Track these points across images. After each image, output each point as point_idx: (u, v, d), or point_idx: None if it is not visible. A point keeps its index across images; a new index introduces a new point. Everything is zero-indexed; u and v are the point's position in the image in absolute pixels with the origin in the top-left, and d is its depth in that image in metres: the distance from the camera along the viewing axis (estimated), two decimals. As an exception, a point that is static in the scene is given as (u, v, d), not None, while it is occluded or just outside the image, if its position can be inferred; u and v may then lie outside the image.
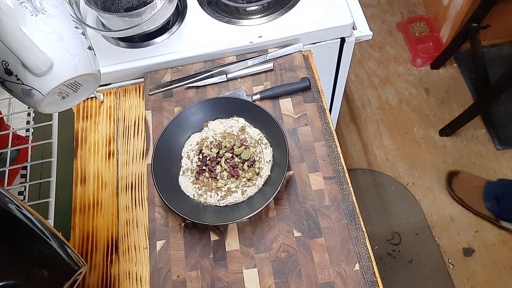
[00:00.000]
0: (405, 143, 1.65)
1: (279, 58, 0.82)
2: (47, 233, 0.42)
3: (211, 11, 0.88)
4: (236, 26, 0.85)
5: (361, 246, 0.64)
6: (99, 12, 0.79)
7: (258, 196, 0.67)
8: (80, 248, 0.70)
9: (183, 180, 0.71)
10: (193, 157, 0.72)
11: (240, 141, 0.72)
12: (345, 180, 0.70)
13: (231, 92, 0.79)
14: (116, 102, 0.84)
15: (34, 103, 0.48)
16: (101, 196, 0.74)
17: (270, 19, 0.85)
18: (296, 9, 0.86)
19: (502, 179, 1.47)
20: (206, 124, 0.75)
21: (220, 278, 0.64)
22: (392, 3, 1.99)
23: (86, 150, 0.79)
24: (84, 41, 0.50)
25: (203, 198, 0.68)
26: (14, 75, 0.45)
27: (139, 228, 0.71)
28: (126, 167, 0.76)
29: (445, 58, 1.73)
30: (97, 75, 0.51)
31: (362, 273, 0.62)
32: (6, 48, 0.42)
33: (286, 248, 0.65)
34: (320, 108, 0.76)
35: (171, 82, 0.81)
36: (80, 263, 0.43)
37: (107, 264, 0.69)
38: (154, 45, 0.85)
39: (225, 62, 0.82)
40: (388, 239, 1.48)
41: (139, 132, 0.80)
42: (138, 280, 0.67)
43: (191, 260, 0.66)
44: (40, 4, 0.45)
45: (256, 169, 0.69)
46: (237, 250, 0.66)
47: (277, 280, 0.63)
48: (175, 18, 0.88)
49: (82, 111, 0.83)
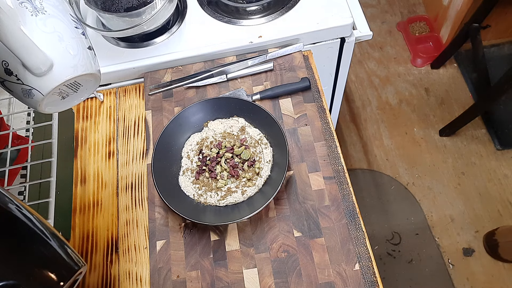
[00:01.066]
0: (405, 143, 1.65)
1: (279, 58, 0.82)
2: (47, 233, 0.42)
3: (211, 11, 0.88)
4: (236, 26, 0.85)
5: (361, 246, 0.64)
6: (99, 12, 0.79)
7: (258, 196, 0.67)
8: (80, 248, 0.70)
9: (183, 180, 0.71)
10: (193, 157, 0.72)
11: (240, 141, 0.72)
12: (345, 180, 0.70)
13: (231, 92, 0.79)
14: (116, 102, 0.84)
15: (34, 103, 0.48)
16: (101, 196, 0.74)
17: (270, 19, 0.85)
18: (296, 9, 0.86)
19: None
20: (206, 124, 0.75)
21: (220, 278, 0.64)
22: (392, 3, 1.99)
23: (86, 150, 0.79)
24: (84, 41, 0.50)
25: (203, 198, 0.68)
26: (14, 75, 0.45)
27: (139, 228, 0.71)
28: (126, 167, 0.76)
29: (445, 58, 1.73)
30: (97, 75, 0.51)
31: (362, 273, 0.62)
32: (6, 48, 0.42)
33: (286, 248, 0.65)
34: (320, 108, 0.76)
35: (171, 82, 0.81)
36: (80, 263, 0.43)
37: (107, 264, 0.69)
38: (154, 45, 0.85)
39: (225, 62, 0.82)
40: (388, 239, 1.48)
41: (139, 132, 0.80)
42: (138, 280, 0.67)
43: (191, 260, 0.66)
44: (40, 4, 0.45)
45: (256, 169, 0.69)
46: (237, 250, 0.66)
47: (277, 280, 0.63)
48: (175, 18, 0.88)
49: (82, 111, 0.83)
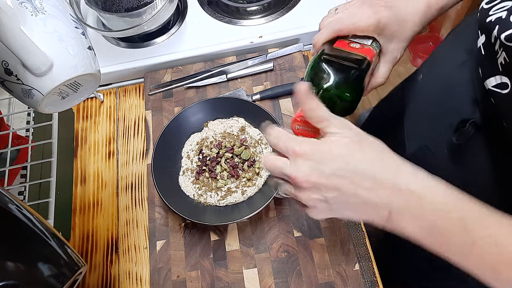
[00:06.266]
0: (405, 143, 1.65)
1: (279, 58, 0.82)
2: (47, 233, 0.42)
3: (212, 11, 0.88)
4: (237, 26, 0.85)
5: (361, 246, 0.64)
6: (99, 12, 0.79)
7: (258, 196, 0.67)
8: (80, 248, 0.70)
9: (183, 180, 0.71)
10: (193, 157, 0.72)
11: (240, 141, 0.72)
12: (345, 180, 0.70)
13: (231, 92, 0.79)
14: (116, 102, 0.84)
15: (34, 103, 0.48)
16: (101, 196, 0.74)
17: (270, 19, 0.85)
18: (296, 9, 0.86)
19: None
20: (206, 124, 0.75)
21: (220, 278, 0.64)
22: (392, 3, 1.98)
23: (86, 150, 0.79)
24: (84, 41, 0.50)
25: (203, 198, 0.68)
26: (14, 75, 0.45)
27: (139, 228, 0.71)
28: (126, 167, 0.76)
29: (445, 58, 1.73)
30: (97, 75, 0.51)
31: (362, 273, 0.62)
32: (6, 48, 0.42)
33: (286, 248, 0.65)
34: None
35: (171, 82, 0.81)
36: (80, 263, 0.43)
37: (107, 264, 0.69)
38: (155, 45, 0.85)
39: (225, 62, 0.82)
40: (388, 239, 1.48)
41: (139, 132, 0.80)
42: (138, 280, 0.67)
43: (191, 260, 0.66)
44: (40, 4, 0.45)
45: (256, 169, 0.69)
46: (237, 250, 0.66)
47: (277, 280, 0.63)
48: (176, 18, 0.88)
49: (82, 111, 0.83)
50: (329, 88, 0.46)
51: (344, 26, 0.50)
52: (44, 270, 0.40)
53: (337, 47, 0.51)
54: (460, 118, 0.51)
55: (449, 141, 0.54)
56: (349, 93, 0.47)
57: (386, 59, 0.53)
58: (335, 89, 0.46)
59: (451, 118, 0.54)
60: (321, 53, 0.49)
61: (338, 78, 0.46)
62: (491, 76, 0.43)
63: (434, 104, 0.61)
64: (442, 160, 0.57)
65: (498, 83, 0.42)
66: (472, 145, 0.51)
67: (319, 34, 0.52)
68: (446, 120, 0.55)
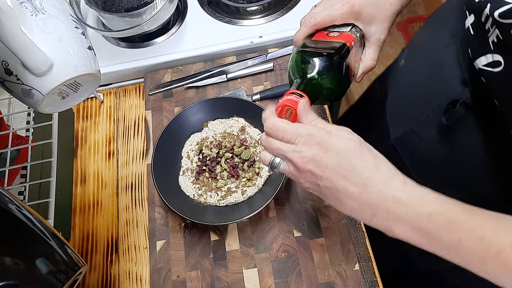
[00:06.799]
0: (405, 143, 1.65)
1: (279, 58, 0.82)
2: (47, 233, 0.42)
3: (212, 11, 0.88)
4: (237, 26, 0.85)
5: (361, 246, 0.64)
6: (99, 12, 0.79)
7: (258, 196, 0.67)
8: (80, 248, 0.70)
9: (183, 180, 0.71)
10: (193, 157, 0.72)
11: (240, 141, 0.72)
12: (345, 180, 0.70)
13: (231, 92, 0.79)
14: (116, 102, 0.84)
15: (34, 103, 0.48)
16: (101, 196, 0.74)
17: (270, 19, 0.85)
18: (297, 9, 0.86)
19: None
20: (206, 124, 0.75)
21: (220, 278, 0.64)
22: (392, 3, 1.99)
23: (86, 150, 0.79)
24: (84, 41, 0.50)
25: (203, 198, 0.68)
26: (14, 75, 0.45)
27: (139, 228, 0.71)
28: (126, 167, 0.76)
29: (445, 58, 1.73)
30: (97, 75, 0.51)
31: (362, 273, 0.62)
32: (6, 48, 0.42)
33: (286, 248, 0.65)
34: (320, 108, 0.76)
35: (171, 82, 0.81)
36: (80, 263, 0.43)
37: (107, 264, 0.69)
38: (155, 45, 0.85)
39: (225, 62, 0.82)
40: (388, 239, 1.48)
41: (139, 132, 0.80)
42: (138, 280, 0.67)
43: (191, 260, 0.66)
44: (40, 4, 0.45)
45: (256, 169, 0.69)
46: (237, 250, 0.66)
47: (277, 280, 0.63)
48: (176, 18, 0.88)
49: (82, 111, 0.83)
50: (312, 78, 0.47)
51: (320, 18, 0.52)
52: (44, 270, 0.40)
53: (316, 38, 0.52)
54: (449, 99, 0.52)
55: (438, 122, 0.55)
56: (332, 79, 0.48)
57: (370, 42, 0.54)
58: (318, 78, 0.47)
59: (439, 100, 0.54)
60: (300, 47, 0.50)
61: (319, 66, 0.47)
62: (482, 55, 0.43)
63: (419, 87, 0.62)
64: (430, 142, 0.58)
65: (489, 62, 0.42)
66: (462, 125, 0.52)
67: (298, 31, 0.53)
68: (434, 102, 0.56)
